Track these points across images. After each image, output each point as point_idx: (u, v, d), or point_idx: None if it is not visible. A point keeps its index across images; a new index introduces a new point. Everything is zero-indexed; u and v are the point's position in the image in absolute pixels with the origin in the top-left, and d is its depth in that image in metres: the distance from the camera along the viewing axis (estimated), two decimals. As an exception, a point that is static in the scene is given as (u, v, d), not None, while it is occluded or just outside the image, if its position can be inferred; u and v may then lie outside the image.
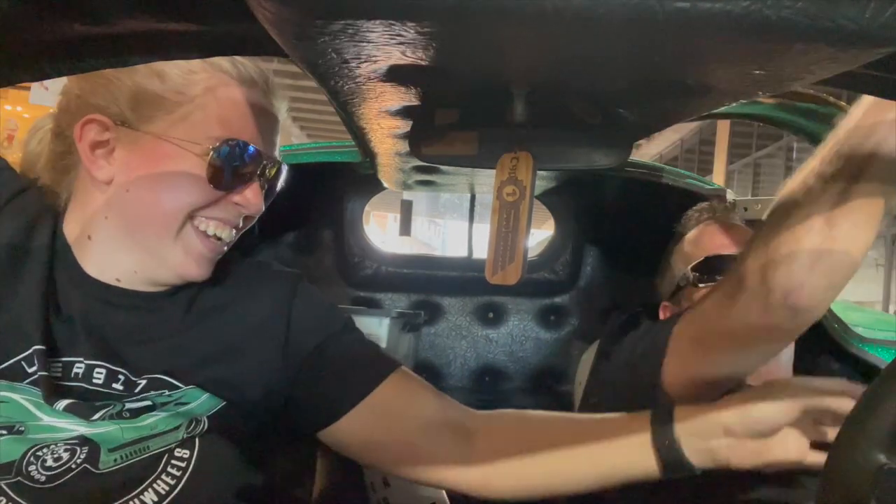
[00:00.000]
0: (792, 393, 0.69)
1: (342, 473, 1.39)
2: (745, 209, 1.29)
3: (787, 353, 1.11)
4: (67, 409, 0.71)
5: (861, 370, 1.23)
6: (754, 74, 0.47)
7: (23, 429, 0.69)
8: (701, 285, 1.16)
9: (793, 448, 0.69)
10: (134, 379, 0.75)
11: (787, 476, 0.88)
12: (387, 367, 0.84)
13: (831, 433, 0.68)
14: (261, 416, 0.82)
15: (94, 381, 0.74)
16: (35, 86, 4.93)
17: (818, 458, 0.68)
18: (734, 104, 0.53)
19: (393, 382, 0.83)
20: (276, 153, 0.83)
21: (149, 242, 0.76)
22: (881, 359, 1.20)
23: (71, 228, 0.78)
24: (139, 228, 0.76)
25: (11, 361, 0.71)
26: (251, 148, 0.76)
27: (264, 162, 0.78)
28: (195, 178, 0.73)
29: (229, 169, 0.74)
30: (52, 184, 0.81)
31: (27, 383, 0.71)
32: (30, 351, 0.71)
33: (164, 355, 0.78)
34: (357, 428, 0.82)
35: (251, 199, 0.77)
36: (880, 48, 0.37)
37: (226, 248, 0.80)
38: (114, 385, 0.74)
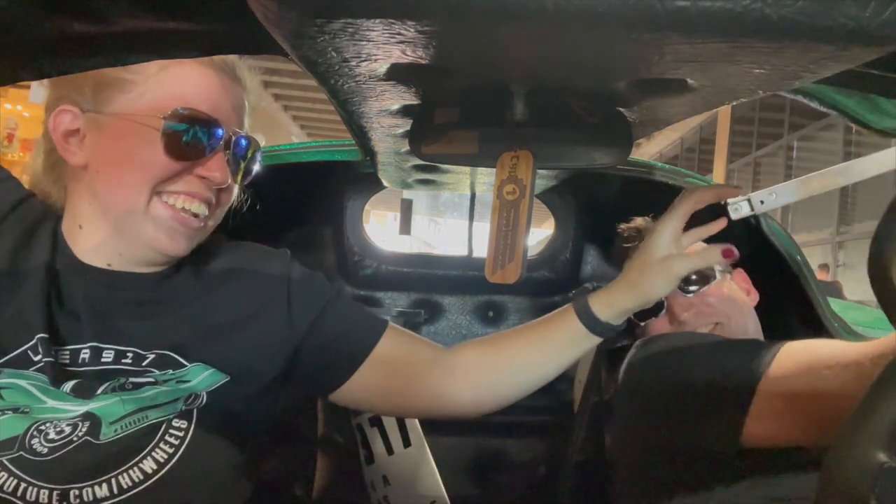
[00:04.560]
0: (672, 268, 0.83)
1: (342, 473, 1.39)
2: (762, 202, 1.28)
3: (754, 324, 1.12)
4: (73, 390, 0.73)
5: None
6: (754, 73, 0.47)
7: (27, 410, 0.71)
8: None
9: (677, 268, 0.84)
10: (143, 353, 0.77)
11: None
12: (381, 324, 0.92)
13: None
14: (259, 393, 0.84)
15: (104, 360, 0.76)
16: (35, 84, 4.93)
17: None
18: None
19: (389, 336, 0.91)
20: (245, 130, 0.83)
21: (122, 221, 0.77)
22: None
23: (67, 222, 0.81)
24: (112, 207, 0.77)
25: (17, 352, 0.73)
26: (206, 117, 0.76)
27: (227, 134, 0.78)
28: (153, 151, 0.74)
29: (185, 139, 0.75)
30: (51, 186, 0.85)
31: (33, 370, 0.73)
32: (34, 340, 0.73)
33: (170, 330, 0.80)
34: (366, 382, 0.89)
35: (214, 169, 0.77)
36: (881, 47, 0.37)
37: (203, 224, 0.80)
38: (123, 361, 0.77)
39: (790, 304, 1.33)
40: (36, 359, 0.73)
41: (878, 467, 0.42)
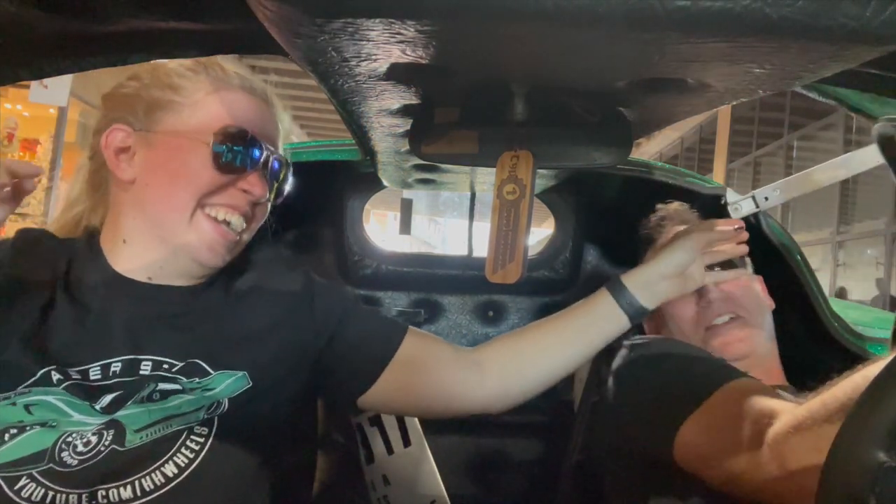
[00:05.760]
0: (693, 238, 0.95)
1: (342, 473, 1.39)
2: (766, 199, 1.28)
3: (769, 326, 1.12)
4: (105, 408, 0.75)
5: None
6: (754, 72, 0.47)
7: (55, 424, 0.74)
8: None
9: (697, 276, 0.96)
10: (175, 362, 0.81)
11: None
12: (402, 327, 0.96)
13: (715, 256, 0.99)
14: (280, 398, 0.86)
15: (142, 371, 0.79)
16: (34, 84, 4.93)
17: (713, 276, 1.00)
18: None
19: (410, 338, 0.94)
20: (279, 153, 0.90)
21: (167, 233, 0.82)
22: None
23: (108, 238, 0.85)
24: (158, 220, 0.82)
25: (39, 374, 0.75)
26: (251, 136, 0.83)
27: (266, 153, 0.85)
28: (202, 164, 0.80)
29: (232, 153, 0.82)
30: (92, 204, 0.90)
31: (62, 388, 0.75)
32: (39, 374, 0.75)
33: (201, 340, 0.83)
34: (392, 384, 0.92)
35: (254, 184, 0.83)
36: (881, 46, 0.37)
37: (239, 238, 0.86)
38: (159, 370, 0.80)
39: (790, 304, 1.32)
40: (55, 380, 0.75)
41: (878, 467, 0.42)
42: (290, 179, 0.93)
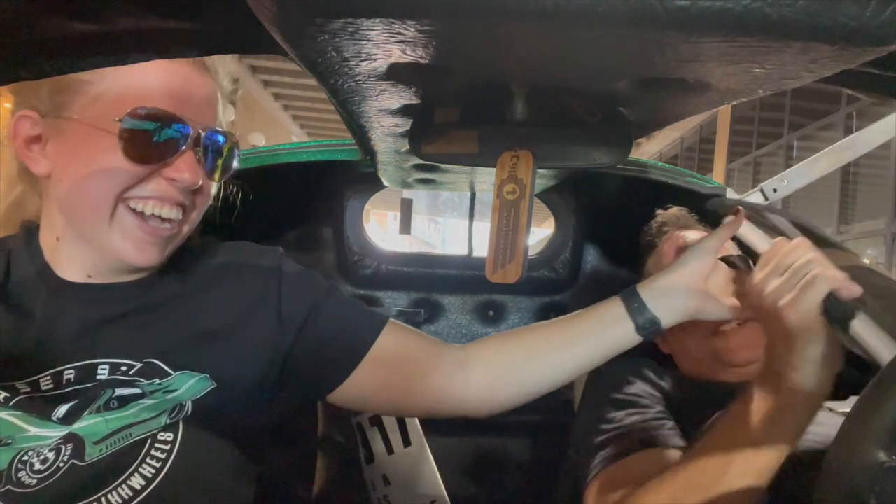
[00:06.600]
0: (705, 241, 0.87)
1: (342, 473, 1.39)
2: (775, 190, 1.27)
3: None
4: (61, 419, 0.71)
5: (865, 369, 1.23)
6: (754, 72, 0.47)
7: (10, 441, 0.69)
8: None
9: (722, 303, 0.85)
10: (133, 363, 0.75)
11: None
12: (380, 320, 0.87)
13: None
14: (249, 397, 0.80)
15: (99, 376, 0.73)
16: (35, 84, 4.93)
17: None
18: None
19: (389, 332, 0.86)
20: (217, 125, 0.78)
21: (88, 232, 0.73)
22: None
23: (44, 234, 0.78)
24: (77, 218, 0.73)
25: None
26: (167, 114, 0.71)
27: (195, 131, 0.73)
28: (113, 157, 0.69)
29: (145, 139, 0.69)
30: (30, 190, 0.81)
31: (11, 406, 0.70)
32: None
33: (158, 337, 0.76)
34: (366, 382, 0.84)
35: (183, 170, 0.71)
36: (881, 46, 0.37)
37: (177, 230, 0.76)
38: (117, 373, 0.74)
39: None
40: (3, 397, 0.71)
41: (878, 467, 0.42)
42: (237, 154, 0.80)
